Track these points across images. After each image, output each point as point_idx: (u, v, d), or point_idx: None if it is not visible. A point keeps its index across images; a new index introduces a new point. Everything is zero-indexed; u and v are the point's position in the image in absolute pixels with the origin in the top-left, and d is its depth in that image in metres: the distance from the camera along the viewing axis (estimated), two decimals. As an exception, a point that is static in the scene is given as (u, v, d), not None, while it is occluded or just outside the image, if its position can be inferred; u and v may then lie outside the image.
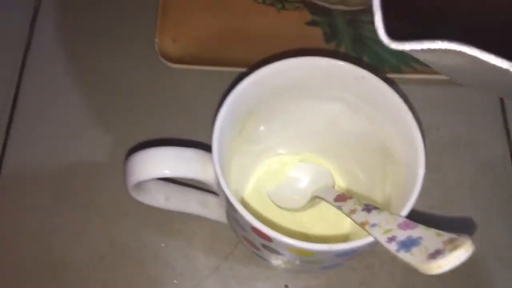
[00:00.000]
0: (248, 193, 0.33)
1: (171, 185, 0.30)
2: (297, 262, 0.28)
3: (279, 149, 0.34)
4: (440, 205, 0.36)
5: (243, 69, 0.38)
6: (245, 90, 0.26)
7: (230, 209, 0.26)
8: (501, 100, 0.39)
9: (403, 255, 0.20)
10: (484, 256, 0.34)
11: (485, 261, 0.34)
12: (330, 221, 0.32)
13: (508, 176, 0.37)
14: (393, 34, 0.21)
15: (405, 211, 0.23)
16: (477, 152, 0.38)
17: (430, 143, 0.37)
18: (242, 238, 0.28)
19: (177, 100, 0.38)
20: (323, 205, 0.30)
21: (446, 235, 0.20)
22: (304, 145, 0.34)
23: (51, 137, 0.37)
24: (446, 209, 0.36)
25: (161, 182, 0.30)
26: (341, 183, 0.33)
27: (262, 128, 0.31)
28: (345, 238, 0.32)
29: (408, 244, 0.20)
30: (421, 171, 0.24)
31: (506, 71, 0.19)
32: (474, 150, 0.38)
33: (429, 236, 0.20)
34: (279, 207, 0.32)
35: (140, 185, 0.27)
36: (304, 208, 0.31)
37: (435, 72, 0.38)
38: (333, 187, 0.31)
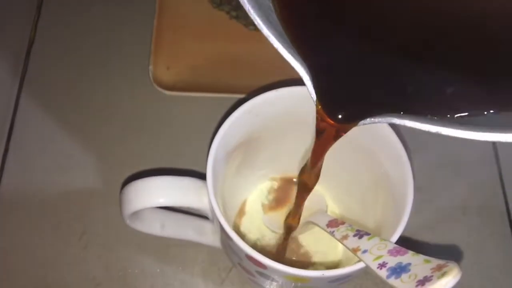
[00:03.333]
0: (241, 216, 0.34)
1: (167, 213, 0.31)
2: (292, 287, 0.28)
3: (273, 174, 0.35)
4: (431, 224, 0.37)
5: (237, 95, 0.38)
6: (237, 120, 0.27)
7: (224, 237, 0.26)
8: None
9: (393, 282, 0.20)
10: (474, 280, 0.35)
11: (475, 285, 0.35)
12: (325, 242, 0.32)
13: (497, 195, 0.38)
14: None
15: (395, 237, 0.24)
16: (466, 171, 0.38)
17: (419, 163, 0.38)
18: (237, 264, 0.29)
19: (172, 127, 0.39)
20: (318, 228, 0.30)
21: (434, 262, 0.20)
22: (297, 168, 0.34)
23: (46, 165, 0.37)
24: (437, 228, 0.36)
25: (157, 210, 0.30)
26: (333, 207, 0.34)
27: (256, 154, 0.32)
28: (340, 259, 0.32)
29: (398, 271, 0.21)
30: (410, 198, 0.24)
31: (436, 133, 0.20)
32: (463, 170, 0.39)
33: (418, 263, 0.21)
34: (273, 231, 0.33)
35: (136, 214, 0.28)
36: (298, 232, 0.32)
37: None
38: (326, 211, 0.32)
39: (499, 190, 0.38)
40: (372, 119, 0.21)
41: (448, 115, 0.21)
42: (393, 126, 0.27)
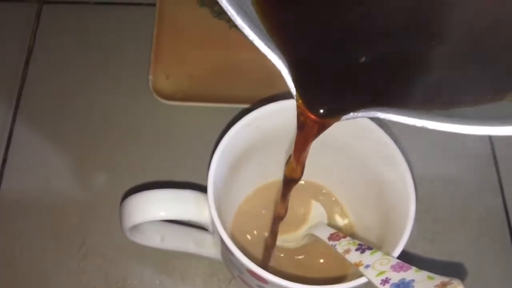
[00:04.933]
0: (238, 225, 0.33)
1: (167, 225, 0.30)
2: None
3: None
4: (431, 235, 0.36)
5: (237, 105, 0.38)
6: (237, 134, 0.27)
7: (225, 250, 0.26)
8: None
9: (397, 299, 0.20)
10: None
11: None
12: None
13: (498, 209, 0.38)
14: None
15: (397, 252, 0.24)
16: (466, 184, 0.38)
17: (418, 177, 0.38)
18: (237, 277, 0.28)
19: (172, 137, 0.39)
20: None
21: (438, 278, 0.20)
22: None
23: (45, 176, 0.37)
24: (437, 239, 0.36)
25: (157, 222, 0.30)
26: (333, 218, 0.34)
27: (256, 163, 0.31)
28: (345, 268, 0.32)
29: (402, 287, 0.21)
30: (411, 213, 0.24)
31: (421, 127, 0.20)
32: (463, 182, 0.39)
33: (422, 279, 0.21)
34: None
35: (135, 227, 0.27)
36: (298, 244, 0.32)
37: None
38: (326, 223, 0.32)
39: (499, 200, 0.38)
40: (355, 113, 0.20)
41: (433, 109, 0.20)
42: (396, 141, 0.27)
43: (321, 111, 0.20)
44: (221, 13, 0.43)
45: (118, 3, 0.44)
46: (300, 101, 0.21)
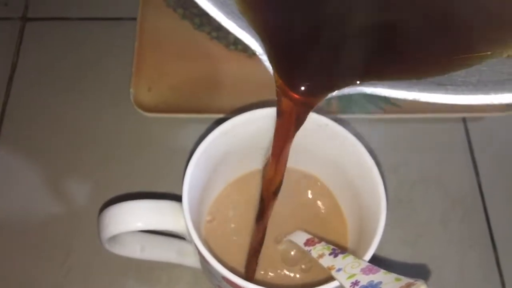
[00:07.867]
0: (212, 230, 0.33)
1: (146, 236, 0.31)
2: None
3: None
4: (412, 239, 0.37)
5: (219, 115, 0.39)
6: (212, 143, 0.27)
7: (202, 260, 0.26)
8: (467, 134, 0.41)
9: (365, 300, 0.21)
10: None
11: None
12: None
13: (478, 209, 0.38)
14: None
15: (368, 256, 0.24)
16: (446, 187, 0.39)
17: (399, 180, 0.38)
18: (217, 287, 0.29)
19: (153, 149, 0.39)
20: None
21: (404, 280, 0.21)
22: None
23: (27, 190, 0.38)
24: (418, 242, 0.37)
25: (136, 233, 0.30)
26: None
27: (231, 168, 0.32)
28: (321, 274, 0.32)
29: (370, 289, 0.21)
30: (382, 217, 0.25)
31: (412, 99, 0.18)
32: (443, 186, 0.39)
33: (389, 281, 0.21)
34: None
35: (114, 238, 0.28)
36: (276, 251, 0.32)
37: (403, 112, 0.39)
38: (304, 231, 0.32)
39: (479, 203, 0.38)
40: (340, 90, 0.19)
41: (427, 76, 0.19)
42: (376, 142, 0.27)
43: (303, 88, 0.19)
44: (201, 25, 0.43)
45: (100, 18, 0.44)
46: (280, 81, 0.20)
